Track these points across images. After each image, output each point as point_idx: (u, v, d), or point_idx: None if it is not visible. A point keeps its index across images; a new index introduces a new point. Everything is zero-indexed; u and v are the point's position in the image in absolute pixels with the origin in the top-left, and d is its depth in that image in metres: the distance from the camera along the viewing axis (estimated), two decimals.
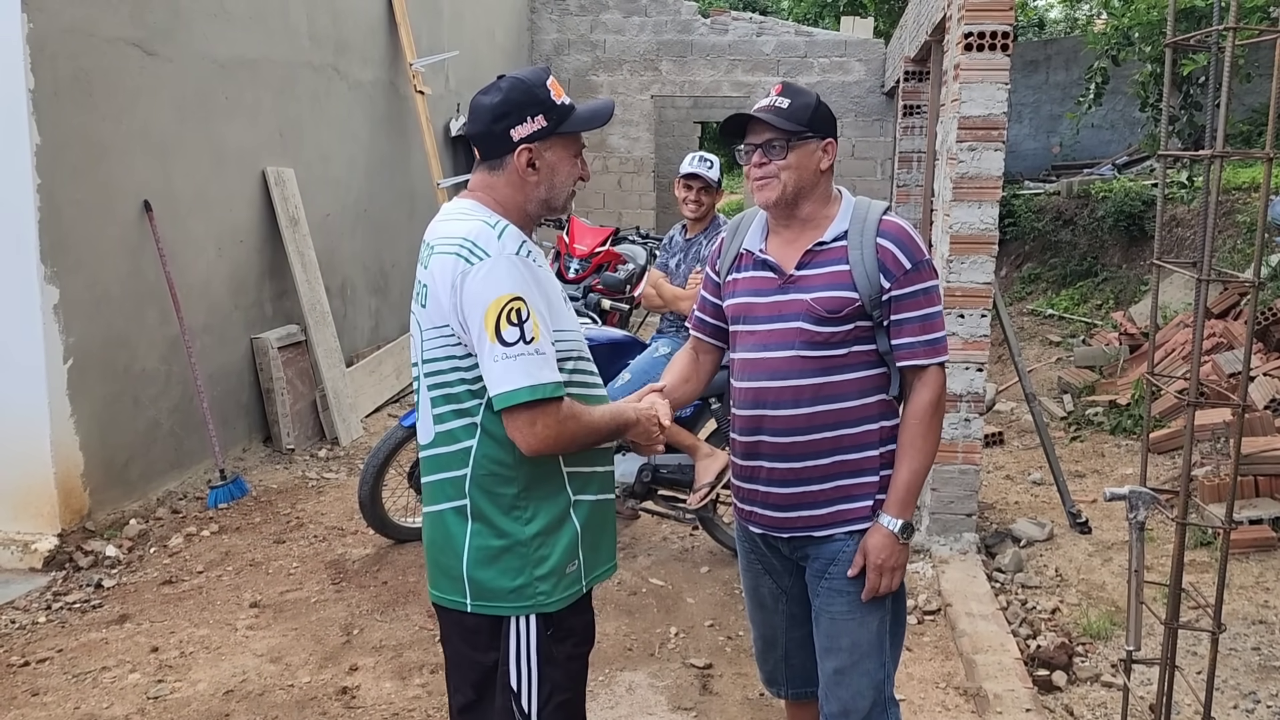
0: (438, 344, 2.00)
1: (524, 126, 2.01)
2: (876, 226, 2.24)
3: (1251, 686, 3.51)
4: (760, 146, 2.25)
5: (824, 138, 2.26)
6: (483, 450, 2.01)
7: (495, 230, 1.96)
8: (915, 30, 7.56)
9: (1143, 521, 2.47)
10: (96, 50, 4.64)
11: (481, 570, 2.03)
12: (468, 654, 2.15)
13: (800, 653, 2.47)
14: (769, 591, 2.46)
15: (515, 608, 2.04)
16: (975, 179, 4.41)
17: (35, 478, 4.45)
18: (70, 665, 3.61)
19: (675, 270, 4.63)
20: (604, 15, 11.45)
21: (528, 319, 1.90)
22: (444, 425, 2.04)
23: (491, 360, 1.90)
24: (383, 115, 7.76)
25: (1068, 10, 20.05)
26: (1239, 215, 8.12)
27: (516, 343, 1.88)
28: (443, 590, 2.11)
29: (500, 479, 2.01)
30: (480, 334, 1.90)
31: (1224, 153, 2.15)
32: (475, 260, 1.92)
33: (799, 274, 2.26)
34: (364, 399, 6.87)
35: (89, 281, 4.63)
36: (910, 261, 2.21)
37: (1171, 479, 5.37)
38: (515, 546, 2.02)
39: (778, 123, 2.21)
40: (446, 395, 2.02)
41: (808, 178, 2.25)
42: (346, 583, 4.33)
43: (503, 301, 1.89)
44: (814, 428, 2.24)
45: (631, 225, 10.00)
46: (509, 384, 1.89)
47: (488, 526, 2.02)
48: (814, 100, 2.27)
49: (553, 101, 2.03)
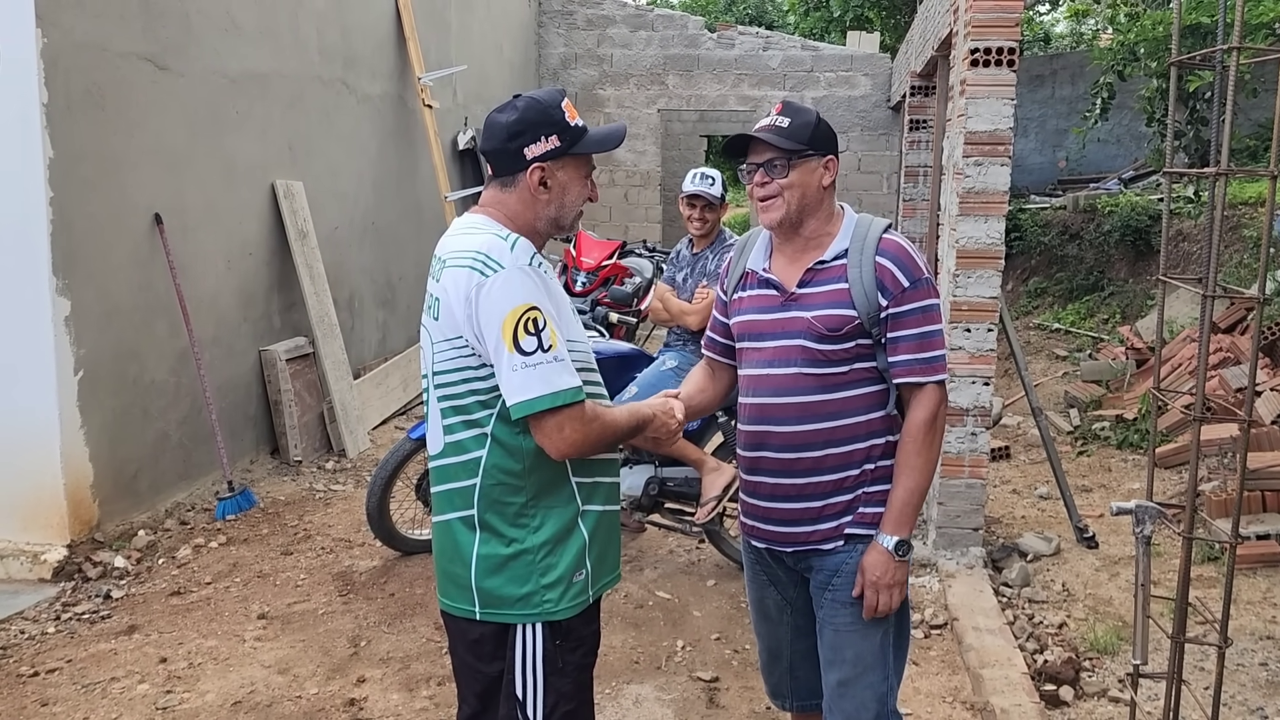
0: (449, 356, 2.03)
1: (538, 145, 2.05)
2: (876, 245, 2.26)
3: (1259, 702, 3.50)
4: (762, 165, 2.27)
5: (825, 155, 2.29)
6: (492, 460, 2.03)
7: (508, 243, 1.99)
8: (921, 45, 7.59)
9: (1149, 536, 2.48)
10: (109, 65, 4.69)
11: (489, 579, 2.06)
12: (473, 664, 2.17)
13: (805, 665, 2.48)
14: (774, 603, 2.47)
15: (523, 615, 2.06)
16: (981, 194, 4.43)
17: (45, 489, 4.47)
18: (79, 676, 3.62)
19: (682, 284, 4.64)
20: (611, 30, 11.51)
21: (544, 327, 1.93)
22: (453, 436, 2.07)
23: (510, 370, 1.92)
24: (391, 129, 7.80)
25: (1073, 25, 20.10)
26: (1245, 230, 8.12)
27: (535, 351, 1.91)
28: (452, 599, 2.14)
29: (509, 489, 2.04)
30: (498, 345, 1.93)
31: (1228, 170, 2.16)
32: (490, 273, 1.95)
33: (800, 292, 2.28)
34: (371, 411, 6.89)
35: (100, 294, 4.66)
36: (908, 279, 2.23)
37: (1178, 494, 5.36)
38: (523, 554, 2.04)
39: (778, 142, 2.24)
40: (456, 406, 2.05)
41: (810, 195, 2.28)
42: (354, 594, 4.34)
43: (519, 312, 1.92)
44: (816, 444, 2.26)
45: (638, 239, 10.02)
46: (530, 392, 1.92)
47: (495, 535, 2.05)
48: (814, 118, 2.29)
49: (567, 122, 2.07)
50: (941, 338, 2.29)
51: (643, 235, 11.15)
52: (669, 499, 4.52)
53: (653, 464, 4.47)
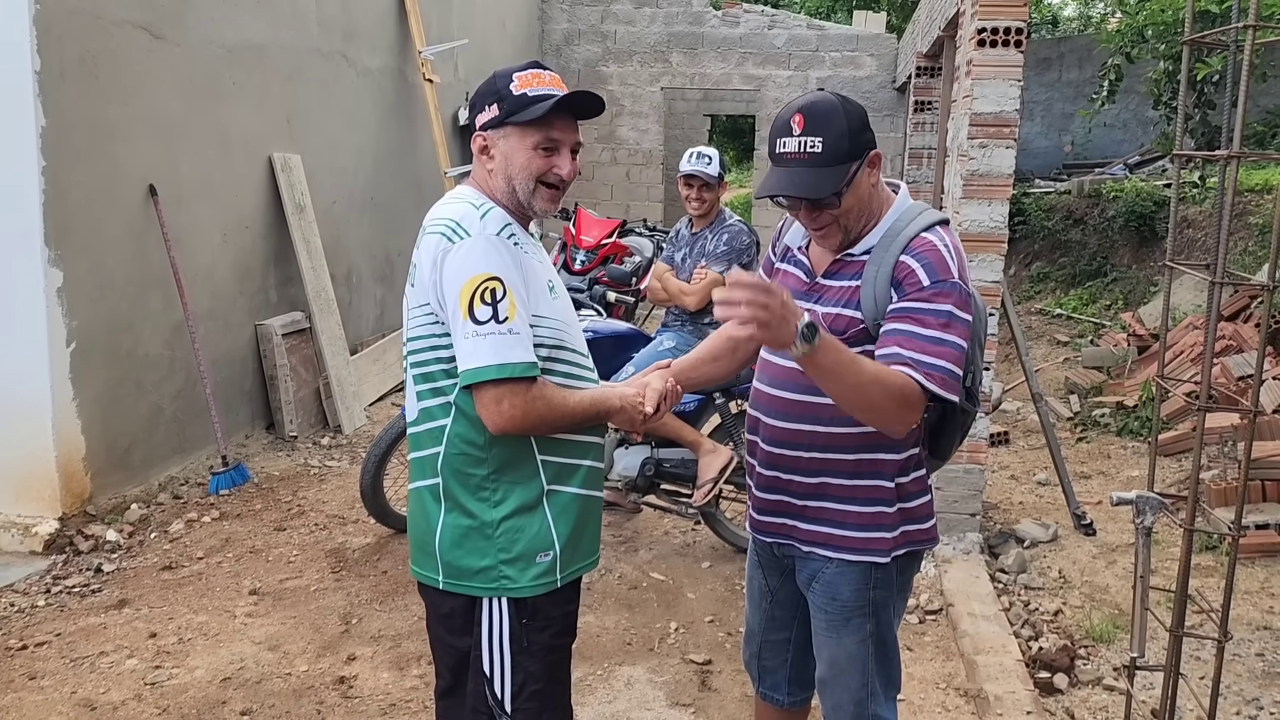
0: (421, 322, 2.04)
1: (483, 115, 2.06)
2: (908, 242, 2.03)
3: (1255, 693, 3.48)
4: (806, 201, 2.04)
5: (866, 153, 2.03)
6: (456, 430, 2.03)
7: (479, 211, 2.00)
8: (928, 25, 7.51)
9: (1150, 527, 2.44)
10: (103, 32, 4.62)
11: (452, 550, 2.07)
12: (444, 637, 2.20)
13: (772, 656, 2.44)
14: (758, 587, 2.43)
15: (483, 589, 2.06)
16: (986, 177, 4.38)
17: (37, 461, 4.44)
18: (68, 650, 3.60)
19: (681, 264, 4.60)
20: (615, 6, 11.39)
21: (503, 299, 1.92)
22: (423, 403, 2.08)
23: (462, 337, 1.93)
24: (391, 103, 7.73)
25: (1081, 8, 19.94)
26: (1250, 217, 8.06)
27: (488, 321, 1.91)
28: (420, 566, 2.15)
29: (471, 460, 2.04)
30: (455, 311, 1.93)
31: (1240, 153, 2.12)
32: (456, 239, 1.96)
33: (824, 282, 2.14)
34: (367, 387, 6.86)
35: (93, 265, 4.61)
36: (929, 279, 1.98)
37: (1178, 482, 5.33)
38: (482, 528, 2.04)
39: (823, 189, 1.98)
40: (425, 374, 2.06)
41: (864, 205, 2.07)
42: (346, 572, 4.32)
43: (478, 280, 1.91)
44: (799, 445, 2.14)
45: (639, 218, 9.96)
46: (476, 361, 1.91)
47: (457, 507, 2.06)
48: (844, 122, 1.99)
49: (508, 91, 2.01)
50: (957, 353, 1.96)
51: (644, 214, 11.08)
52: (665, 480, 4.49)
53: (649, 445, 4.43)
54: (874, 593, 2.18)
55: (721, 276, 4.31)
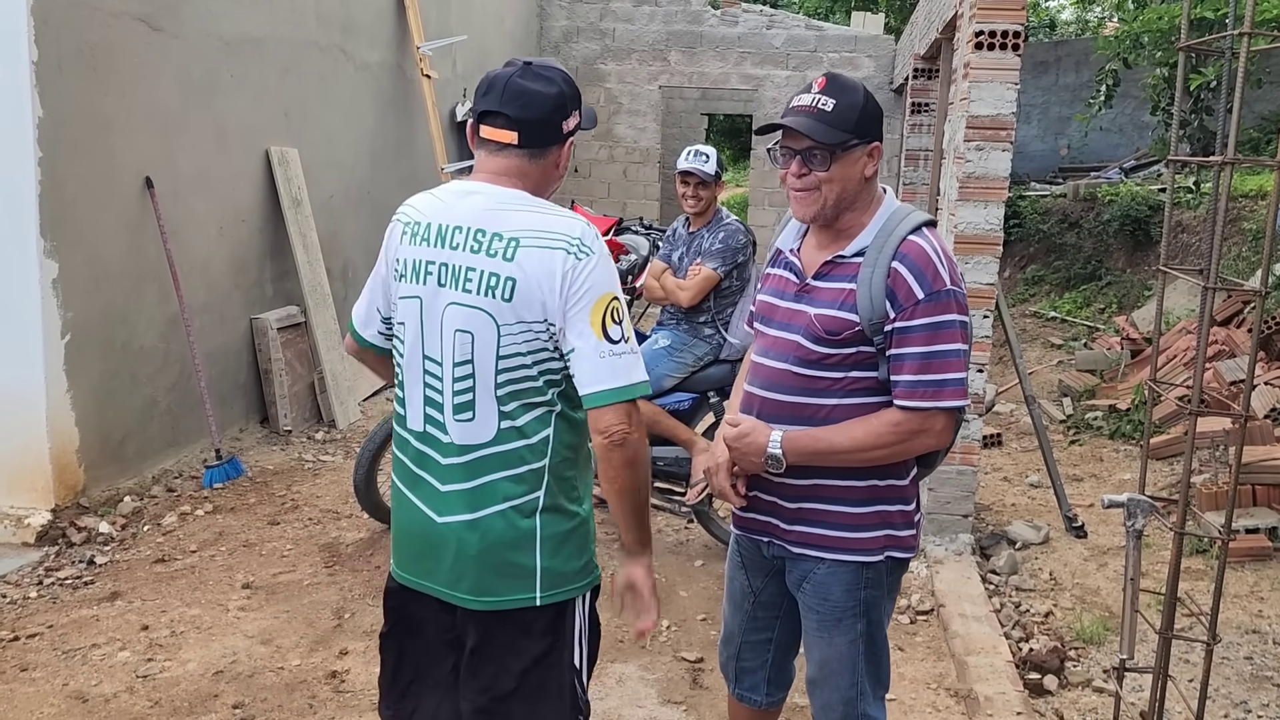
0: (525, 338, 1.93)
1: (570, 120, 2.01)
2: (897, 246, 2.04)
3: (1243, 696, 3.50)
4: (800, 154, 2.06)
5: (870, 142, 2.07)
6: (560, 438, 2.00)
7: (590, 228, 1.96)
8: (926, 27, 7.52)
9: (1140, 530, 2.46)
10: (101, 24, 4.61)
11: (553, 557, 2.00)
12: (498, 656, 2.04)
13: (753, 657, 2.44)
14: (740, 588, 2.41)
15: (582, 586, 2.06)
16: (982, 179, 4.39)
17: (30, 452, 4.43)
18: (60, 641, 3.60)
19: (678, 263, 4.60)
20: (614, 3, 11.39)
21: (624, 318, 1.94)
22: (511, 422, 1.96)
23: (598, 356, 1.89)
24: (389, 98, 7.72)
25: (1079, 12, 19.98)
26: (1244, 222, 8.09)
27: (620, 341, 1.91)
28: (503, 593, 2.00)
29: (568, 463, 2.04)
30: (584, 329, 1.89)
31: (1235, 159, 2.13)
32: (584, 256, 1.91)
33: (814, 284, 2.14)
34: (362, 382, 6.85)
35: (88, 257, 4.60)
36: (924, 290, 2.01)
37: (1169, 486, 5.36)
38: (580, 526, 2.06)
39: (820, 135, 2.02)
40: (517, 390, 1.95)
41: (850, 189, 2.08)
42: (339, 566, 4.32)
43: (608, 299, 1.91)
44: None
45: (635, 216, 9.97)
46: (621, 380, 1.91)
47: (557, 512, 2.02)
48: (861, 98, 2.05)
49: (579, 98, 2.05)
50: (959, 359, 2.03)
51: (640, 212, 11.09)
52: (659, 478, 4.49)
53: None
54: (865, 593, 2.19)
55: (715, 273, 4.32)
